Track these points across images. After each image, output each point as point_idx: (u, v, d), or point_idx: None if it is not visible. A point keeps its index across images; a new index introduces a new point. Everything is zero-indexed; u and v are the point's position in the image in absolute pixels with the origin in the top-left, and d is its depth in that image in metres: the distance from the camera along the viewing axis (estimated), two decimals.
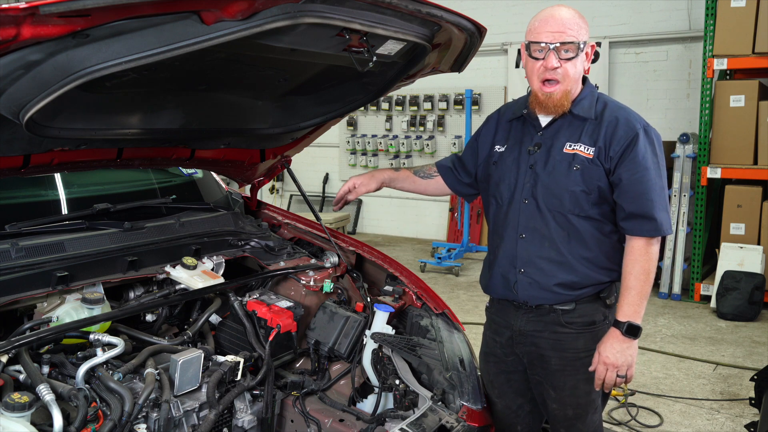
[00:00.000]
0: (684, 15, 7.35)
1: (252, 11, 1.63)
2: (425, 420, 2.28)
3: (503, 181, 2.32)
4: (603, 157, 2.16)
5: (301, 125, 2.70)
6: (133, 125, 2.30)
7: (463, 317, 5.63)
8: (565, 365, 2.26)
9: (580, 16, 2.16)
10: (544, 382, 2.31)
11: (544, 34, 2.13)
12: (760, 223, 6.16)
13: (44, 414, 1.78)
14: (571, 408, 2.30)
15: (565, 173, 2.18)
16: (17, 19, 1.42)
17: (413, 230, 9.57)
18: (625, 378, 2.17)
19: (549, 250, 2.21)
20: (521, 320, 2.30)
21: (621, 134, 2.14)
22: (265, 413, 2.37)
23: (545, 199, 2.21)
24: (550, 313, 2.25)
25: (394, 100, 9.24)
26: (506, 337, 2.36)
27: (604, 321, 2.26)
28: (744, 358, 4.96)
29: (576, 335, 2.24)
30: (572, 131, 2.21)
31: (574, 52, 2.13)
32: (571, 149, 2.19)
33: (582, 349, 2.24)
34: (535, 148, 2.25)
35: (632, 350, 2.15)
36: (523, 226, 2.24)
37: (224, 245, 2.80)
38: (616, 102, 2.26)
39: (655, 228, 2.13)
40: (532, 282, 2.23)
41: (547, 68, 2.14)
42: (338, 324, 2.65)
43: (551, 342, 2.26)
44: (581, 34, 2.13)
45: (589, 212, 2.19)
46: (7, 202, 2.60)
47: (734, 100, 6.20)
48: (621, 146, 2.14)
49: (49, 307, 2.19)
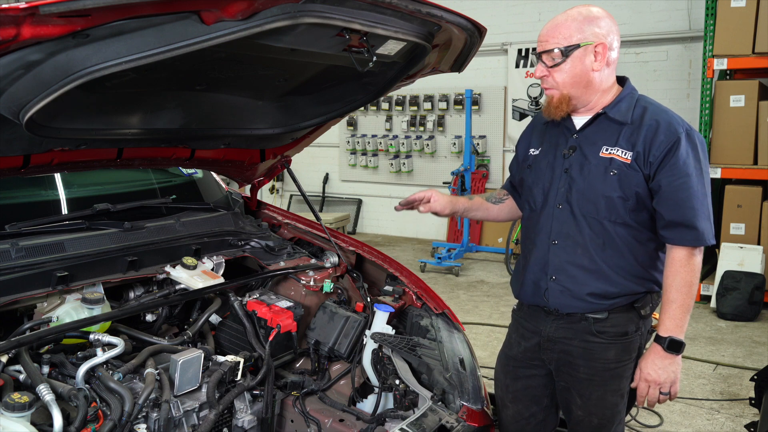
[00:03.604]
0: (684, 15, 7.35)
1: (252, 11, 1.63)
2: (425, 420, 2.27)
3: (536, 185, 2.26)
4: (642, 162, 2.06)
5: (301, 125, 2.70)
6: (133, 125, 2.30)
7: (463, 317, 5.63)
8: (593, 375, 2.18)
9: (583, 19, 2.06)
10: (571, 389, 2.24)
11: (538, 42, 2.12)
12: (760, 223, 6.16)
13: (44, 414, 1.78)
14: (596, 417, 2.22)
15: (601, 178, 2.10)
16: (17, 19, 1.42)
17: (413, 230, 9.57)
18: (669, 395, 2.11)
19: (582, 257, 2.14)
20: (551, 326, 2.22)
21: (662, 138, 2.05)
22: (265, 413, 2.37)
23: (580, 205, 2.14)
24: (581, 321, 2.17)
25: (394, 100, 9.24)
26: (534, 342, 2.28)
27: (637, 332, 2.18)
28: (744, 358, 4.96)
29: (607, 345, 2.16)
30: (609, 135, 2.13)
31: (559, 58, 2.07)
32: (608, 153, 2.10)
33: (612, 360, 2.16)
34: (570, 152, 2.18)
35: (675, 366, 2.08)
36: (556, 232, 2.18)
37: (224, 245, 2.80)
38: (658, 104, 2.16)
39: (697, 237, 2.04)
40: (564, 290, 2.16)
41: (537, 77, 2.16)
42: (338, 324, 2.65)
43: (581, 350, 2.18)
44: (570, 37, 2.05)
45: (626, 219, 2.11)
46: (7, 202, 2.60)
47: (734, 100, 6.20)
48: (662, 151, 2.04)
49: (49, 307, 2.18)
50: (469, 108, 7.91)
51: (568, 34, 2.06)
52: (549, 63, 2.09)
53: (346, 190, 10.06)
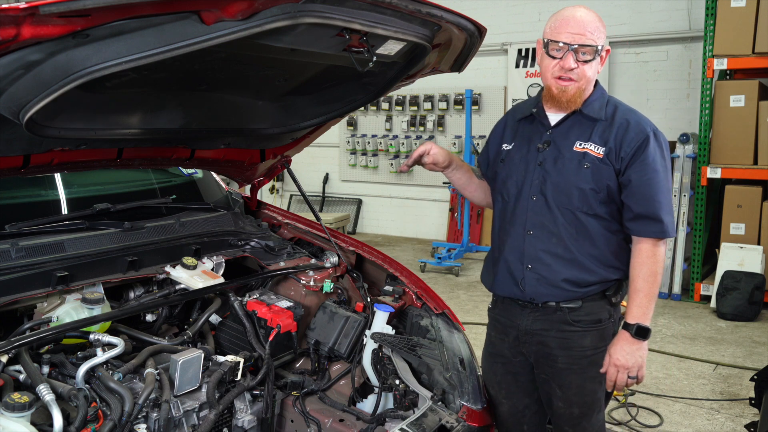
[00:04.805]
0: (684, 15, 7.35)
1: (252, 11, 1.63)
2: (425, 420, 2.28)
3: (510, 177, 2.33)
4: (614, 158, 2.19)
5: (301, 125, 2.70)
6: (133, 125, 2.30)
7: (463, 317, 5.63)
8: (571, 363, 2.27)
9: (600, 20, 2.17)
10: (551, 381, 2.32)
11: (565, 34, 2.14)
12: (760, 223, 6.16)
13: (44, 414, 1.78)
14: (577, 407, 2.32)
15: (575, 171, 2.21)
16: (17, 19, 1.42)
17: (413, 230, 9.57)
18: (636, 379, 2.20)
19: (557, 246, 2.24)
20: (527, 319, 2.31)
21: (632, 136, 2.18)
22: (265, 413, 2.37)
23: (554, 196, 2.23)
24: (556, 311, 2.27)
25: (394, 100, 9.24)
26: (512, 336, 2.37)
27: (610, 319, 2.29)
28: (744, 358, 4.97)
29: (583, 333, 2.26)
30: (582, 130, 2.24)
31: (592, 56, 2.15)
32: (581, 148, 2.22)
33: (589, 347, 2.27)
34: (545, 146, 2.27)
35: (642, 351, 2.19)
36: (530, 222, 2.26)
37: (224, 245, 2.80)
38: (626, 105, 2.30)
39: (662, 230, 2.17)
40: (540, 278, 2.25)
41: (563, 68, 2.16)
42: (338, 324, 2.65)
43: (558, 340, 2.27)
44: (600, 38, 2.15)
45: (597, 210, 2.22)
46: (7, 202, 2.60)
47: (734, 100, 6.20)
48: (632, 148, 2.17)
49: (49, 307, 2.18)
50: (469, 108, 7.90)
51: (599, 35, 2.15)
52: (587, 57, 2.15)
53: (346, 190, 10.06)
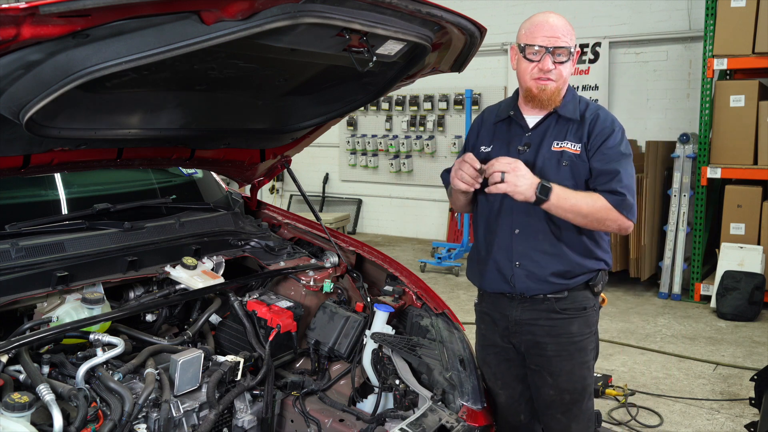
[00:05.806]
0: (684, 15, 7.34)
1: (252, 11, 1.63)
2: (425, 420, 2.28)
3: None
4: (586, 150, 2.31)
5: (301, 125, 2.70)
6: (133, 125, 2.30)
7: (463, 317, 5.60)
8: (560, 350, 2.36)
9: (569, 24, 2.31)
10: (541, 370, 2.40)
11: (540, 38, 2.24)
12: (760, 223, 6.16)
13: (44, 414, 1.78)
14: (568, 393, 2.40)
15: (555, 170, 2.30)
16: (17, 19, 1.42)
17: (413, 230, 9.57)
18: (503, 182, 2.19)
19: (543, 242, 2.33)
20: (516, 310, 2.39)
21: (600, 127, 2.31)
22: (265, 413, 2.37)
23: None
24: (544, 301, 2.36)
25: (394, 100, 9.24)
26: (502, 327, 2.44)
27: (593, 307, 2.41)
28: (744, 358, 4.97)
29: (570, 320, 2.36)
30: (559, 130, 2.35)
31: (566, 57, 2.27)
32: (558, 147, 2.33)
33: (576, 333, 2.37)
34: (525, 148, 2.36)
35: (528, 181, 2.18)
36: (516, 222, 2.35)
37: (224, 245, 2.80)
38: (594, 103, 2.44)
39: (622, 202, 2.24)
40: (529, 274, 2.34)
41: (542, 70, 2.27)
42: (338, 324, 2.65)
43: (547, 329, 2.36)
44: (572, 39, 2.29)
45: None
46: (7, 202, 2.60)
47: (734, 100, 6.20)
48: (601, 137, 2.30)
49: (49, 307, 2.19)
50: (469, 108, 7.90)
51: (571, 37, 2.28)
52: (563, 58, 2.27)
53: (346, 190, 10.06)
